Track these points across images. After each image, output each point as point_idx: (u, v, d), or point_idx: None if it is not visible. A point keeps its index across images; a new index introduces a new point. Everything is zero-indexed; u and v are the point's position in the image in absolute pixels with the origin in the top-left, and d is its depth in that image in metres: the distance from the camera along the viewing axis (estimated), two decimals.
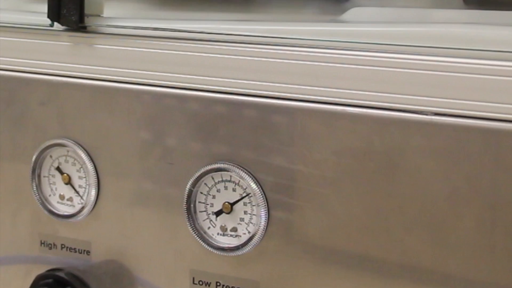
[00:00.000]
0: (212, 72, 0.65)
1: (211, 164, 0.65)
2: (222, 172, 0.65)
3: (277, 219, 0.63)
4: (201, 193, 0.66)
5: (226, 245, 0.65)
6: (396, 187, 0.59)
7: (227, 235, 0.66)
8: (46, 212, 0.73)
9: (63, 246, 0.73)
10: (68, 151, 0.72)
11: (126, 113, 0.69)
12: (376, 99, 0.59)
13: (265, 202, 0.63)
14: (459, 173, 0.56)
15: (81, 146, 0.71)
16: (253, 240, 0.64)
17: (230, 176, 0.65)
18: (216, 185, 0.66)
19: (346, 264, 0.61)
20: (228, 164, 0.64)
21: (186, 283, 0.68)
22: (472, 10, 0.67)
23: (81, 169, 0.71)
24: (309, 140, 0.61)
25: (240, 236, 0.65)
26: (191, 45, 0.66)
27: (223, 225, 0.66)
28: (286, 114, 0.62)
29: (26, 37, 0.73)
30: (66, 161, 0.72)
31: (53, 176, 0.73)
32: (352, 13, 0.68)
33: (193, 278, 0.67)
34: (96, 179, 0.70)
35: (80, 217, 0.71)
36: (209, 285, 0.67)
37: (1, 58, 0.74)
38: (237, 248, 0.65)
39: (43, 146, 0.72)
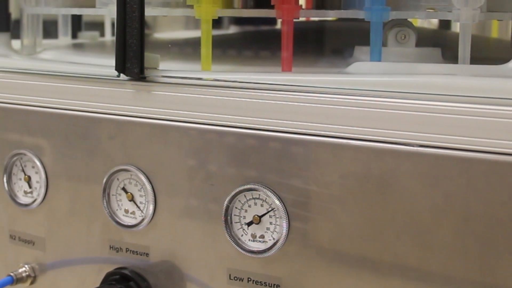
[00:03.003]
0: (244, 112, 0.65)
1: (243, 185, 0.65)
2: (252, 191, 0.65)
3: (296, 228, 0.63)
4: (236, 208, 0.66)
5: (255, 249, 0.65)
6: (389, 203, 0.59)
7: (256, 241, 0.66)
8: (114, 223, 0.73)
9: (127, 249, 0.73)
10: (131, 175, 0.71)
11: (177, 145, 0.69)
12: (373, 134, 0.59)
13: (286, 215, 0.63)
14: (439, 192, 0.57)
15: (142, 171, 0.70)
16: (277, 245, 0.64)
17: (259, 194, 0.65)
18: (248, 202, 0.66)
19: (349, 263, 0.62)
20: (257, 185, 0.64)
21: (224, 278, 0.68)
22: (449, 64, 0.67)
23: (142, 189, 0.71)
24: (320, 166, 0.62)
25: (267, 241, 0.65)
26: (227, 91, 0.66)
27: (253, 233, 0.66)
28: (302, 145, 0.62)
29: (98, 85, 0.73)
30: (130, 183, 0.72)
31: (120, 194, 0.73)
32: (354, 67, 0.68)
33: (230, 275, 0.67)
34: (153, 197, 0.70)
35: (140, 227, 0.71)
36: (242, 280, 0.67)
37: (79, 102, 0.74)
38: (264, 251, 0.65)
39: (111, 171, 0.72)
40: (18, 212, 0.80)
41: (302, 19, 0.73)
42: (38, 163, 0.78)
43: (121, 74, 0.70)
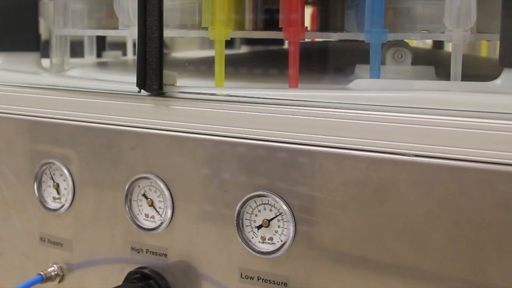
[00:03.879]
0: (254, 125, 0.65)
1: (254, 191, 0.65)
2: (262, 197, 0.65)
3: (302, 231, 0.64)
4: (247, 212, 0.66)
5: (265, 250, 0.65)
6: (387, 208, 0.59)
7: (265, 243, 0.66)
8: (135, 226, 0.73)
9: (147, 250, 0.73)
10: (151, 182, 0.71)
11: (193, 155, 0.69)
12: (373, 144, 0.59)
13: (293, 219, 0.63)
14: (433, 198, 0.57)
15: (161, 178, 0.70)
16: (284, 246, 0.64)
17: (268, 200, 0.65)
18: (258, 207, 0.66)
19: (350, 263, 0.62)
20: (266, 191, 0.65)
21: (236, 277, 0.67)
22: (442, 81, 0.67)
23: (161, 195, 0.71)
24: (324, 174, 0.62)
25: (275, 243, 0.65)
26: (239, 106, 0.66)
27: (263, 235, 0.66)
28: (308, 155, 0.62)
29: (121, 100, 0.72)
30: (150, 189, 0.72)
31: (140, 200, 0.73)
32: (355, 83, 0.68)
33: (241, 274, 0.67)
34: (171, 203, 0.70)
35: (159, 230, 0.71)
36: (252, 279, 0.67)
37: (103, 115, 0.74)
38: (272, 252, 0.65)
39: (133, 178, 0.72)
40: (47, 216, 0.80)
41: (307, 40, 0.72)
42: (66, 171, 0.78)
43: (142, 90, 0.70)
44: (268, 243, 0.66)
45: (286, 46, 0.85)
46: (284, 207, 0.64)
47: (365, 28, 0.69)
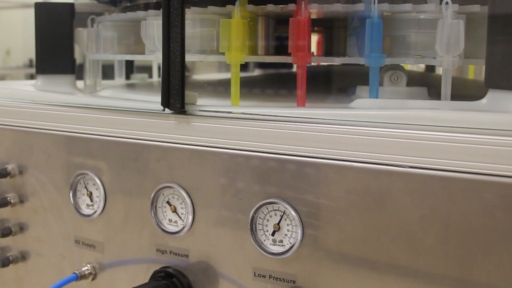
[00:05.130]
0: (266, 140, 0.65)
1: (266, 199, 0.65)
2: (273, 204, 0.65)
3: (308, 235, 0.64)
4: (260, 218, 0.66)
5: (275, 251, 0.65)
6: (385, 214, 0.60)
7: (276, 245, 0.66)
8: (160, 230, 0.73)
9: (171, 252, 0.73)
10: (174, 191, 0.71)
11: (211, 166, 0.69)
12: (372, 157, 0.60)
13: (301, 223, 0.63)
14: (425, 204, 0.57)
15: (183, 187, 0.70)
16: (293, 248, 0.64)
17: (278, 207, 0.65)
18: (269, 213, 0.66)
19: (352, 263, 0.62)
20: (277, 199, 0.65)
21: (249, 275, 0.67)
22: (433, 100, 0.68)
23: (183, 202, 0.71)
24: (328, 184, 0.62)
25: (285, 245, 0.65)
26: (252, 122, 0.66)
27: (274, 238, 0.66)
28: (314, 167, 0.63)
29: (147, 118, 0.73)
30: (173, 197, 0.72)
31: (165, 207, 0.73)
32: (356, 102, 0.69)
33: (254, 272, 0.67)
34: (192, 209, 0.70)
35: (182, 233, 0.71)
36: (264, 277, 0.66)
37: (131, 131, 0.73)
38: (282, 253, 0.65)
39: (158, 187, 0.72)
40: (81, 221, 0.80)
41: (313, 64, 0.73)
42: (98, 181, 0.78)
43: (166, 109, 0.70)
44: (279, 245, 0.66)
45: (294, 69, 0.85)
46: (293, 213, 0.64)
47: (365, 53, 0.69)
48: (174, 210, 0.72)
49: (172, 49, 0.68)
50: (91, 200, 0.80)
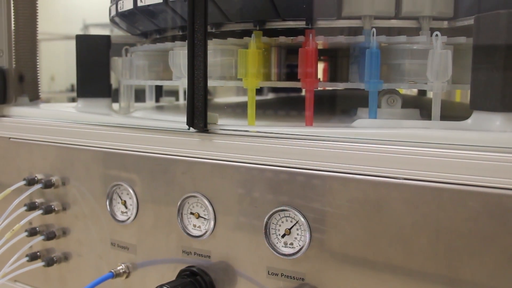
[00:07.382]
0: (278, 155, 0.65)
1: (278, 207, 0.65)
2: (285, 211, 0.65)
3: (315, 238, 0.64)
4: (273, 223, 0.66)
5: (287, 252, 0.65)
6: (382, 220, 0.60)
7: (287, 247, 0.65)
8: (185, 234, 0.73)
9: (195, 253, 0.73)
10: (197, 200, 0.71)
11: (230, 178, 0.68)
12: (371, 170, 0.60)
13: (309, 228, 0.63)
14: (418, 212, 0.58)
15: (205, 197, 0.70)
16: (302, 250, 0.64)
17: (289, 214, 0.65)
18: (281, 219, 0.66)
19: (353, 263, 0.62)
20: (288, 207, 0.65)
21: (264, 274, 0.67)
22: (425, 120, 0.68)
23: (205, 210, 0.71)
24: (333, 193, 0.62)
25: (294, 247, 0.65)
26: (266, 140, 0.66)
27: (285, 241, 0.66)
28: (320, 179, 0.63)
29: (174, 136, 0.72)
30: (197, 205, 0.72)
31: (189, 213, 0.73)
32: (358, 122, 0.69)
33: (268, 271, 0.67)
34: (213, 216, 0.70)
35: (204, 237, 0.71)
36: (277, 275, 0.66)
37: (160, 147, 0.73)
38: (293, 254, 0.65)
39: (183, 197, 0.72)
40: (117, 226, 0.81)
41: (320, 88, 0.73)
42: (131, 191, 0.78)
43: (191, 128, 0.70)
44: (289, 247, 0.66)
45: (303, 93, 0.84)
46: (302, 219, 0.64)
47: (365, 79, 0.69)
48: (198, 217, 0.72)
49: (196, 76, 0.67)
50: (125, 208, 0.80)
